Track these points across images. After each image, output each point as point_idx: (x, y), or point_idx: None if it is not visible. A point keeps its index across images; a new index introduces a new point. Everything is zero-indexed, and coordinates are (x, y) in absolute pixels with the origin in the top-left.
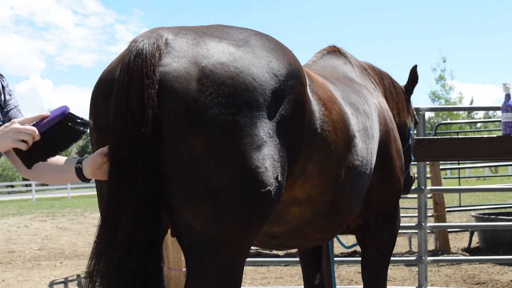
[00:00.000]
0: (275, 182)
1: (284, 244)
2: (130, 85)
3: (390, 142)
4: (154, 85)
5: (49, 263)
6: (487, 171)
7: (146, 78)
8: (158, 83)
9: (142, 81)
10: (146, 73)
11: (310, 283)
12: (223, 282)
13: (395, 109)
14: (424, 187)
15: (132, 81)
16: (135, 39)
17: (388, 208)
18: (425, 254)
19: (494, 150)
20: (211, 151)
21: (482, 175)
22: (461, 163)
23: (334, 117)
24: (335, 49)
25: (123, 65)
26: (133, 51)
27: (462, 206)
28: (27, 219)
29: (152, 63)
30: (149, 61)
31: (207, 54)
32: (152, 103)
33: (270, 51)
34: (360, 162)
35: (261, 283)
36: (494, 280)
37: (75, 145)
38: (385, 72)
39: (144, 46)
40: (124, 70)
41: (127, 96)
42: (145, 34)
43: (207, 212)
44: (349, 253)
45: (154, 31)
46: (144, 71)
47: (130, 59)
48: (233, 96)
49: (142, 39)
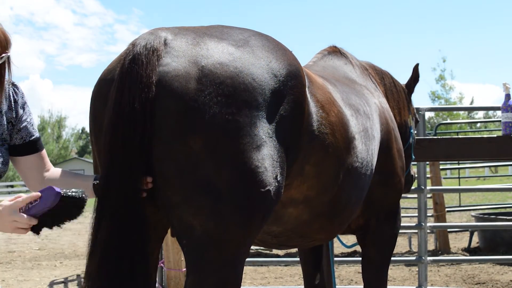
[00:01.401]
0: (274, 182)
1: (284, 243)
2: (125, 90)
3: (391, 142)
4: (150, 90)
5: (49, 263)
6: (487, 171)
7: (140, 84)
8: (155, 85)
9: (138, 86)
10: (141, 79)
11: (310, 283)
12: (223, 282)
13: (396, 109)
14: (424, 187)
15: (128, 86)
16: (133, 42)
17: (389, 208)
18: (425, 254)
19: (494, 150)
20: (210, 151)
21: (482, 175)
22: (461, 163)
23: (332, 119)
24: (335, 50)
25: (119, 70)
26: (130, 55)
27: (462, 206)
28: None
29: (148, 67)
30: (145, 65)
31: (207, 54)
32: (147, 108)
33: (270, 52)
34: (360, 163)
35: (261, 283)
36: (494, 280)
37: (75, 145)
38: (386, 71)
39: (141, 50)
40: (119, 75)
41: (122, 101)
42: (144, 37)
43: (207, 212)
44: (349, 253)
45: (153, 33)
46: (138, 77)
47: (125, 64)
48: (232, 96)
49: (139, 42)
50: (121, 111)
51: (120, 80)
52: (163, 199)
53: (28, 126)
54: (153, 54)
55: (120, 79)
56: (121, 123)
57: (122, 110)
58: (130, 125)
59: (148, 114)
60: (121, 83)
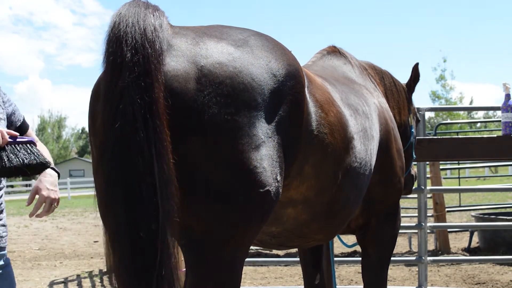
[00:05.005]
0: (274, 182)
1: (283, 244)
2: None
3: (390, 142)
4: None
5: (49, 263)
6: (487, 171)
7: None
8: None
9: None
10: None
11: (310, 283)
12: (222, 282)
13: (396, 108)
14: (424, 187)
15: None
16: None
17: (389, 208)
18: (425, 254)
19: (494, 150)
20: (209, 151)
21: (482, 175)
22: (461, 163)
23: (331, 120)
24: (335, 50)
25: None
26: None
27: (462, 206)
28: (27, 219)
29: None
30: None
31: (206, 54)
32: (145, 105)
33: (269, 52)
34: (358, 163)
35: (261, 283)
36: (494, 280)
37: (75, 145)
38: (386, 71)
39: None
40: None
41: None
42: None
43: (206, 212)
44: (349, 253)
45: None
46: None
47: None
48: (231, 95)
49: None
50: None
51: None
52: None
53: (16, 110)
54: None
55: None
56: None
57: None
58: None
59: (144, 114)
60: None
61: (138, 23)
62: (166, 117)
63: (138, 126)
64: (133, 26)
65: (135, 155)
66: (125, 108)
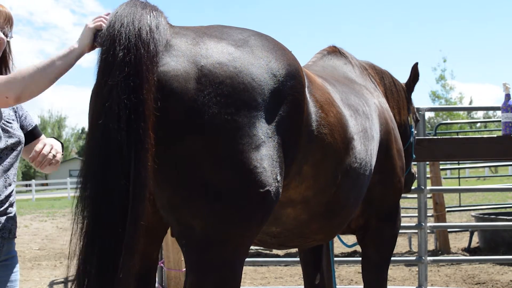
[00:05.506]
0: (274, 182)
1: (283, 244)
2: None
3: (390, 142)
4: (150, 88)
5: (49, 263)
6: (487, 171)
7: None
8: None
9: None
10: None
11: (310, 283)
12: (222, 282)
13: (396, 108)
14: (424, 187)
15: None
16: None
17: (389, 208)
18: (425, 254)
19: (494, 150)
20: (209, 151)
21: (482, 175)
22: (461, 163)
23: (331, 120)
24: (335, 50)
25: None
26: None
27: (462, 206)
28: (27, 219)
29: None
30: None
31: (206, 54)
32: (144, 104)
33: (270, 52)
34: (358, 163)
35: (261, 283)
36: (494, 280)
37: (75, 145)
38: (386, 70)
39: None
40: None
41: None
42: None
43: (206, 212)
44: (349, 253)
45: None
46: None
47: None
48: (231, 95)
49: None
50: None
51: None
52: (162, 199)
53: (27, 115)
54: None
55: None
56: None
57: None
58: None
59: (143, 114)
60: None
61: (133, 23)
62: (153, 119)
63: (121, 126)
64: (127, 26)
65: (114, 154)
66: (111, 106)
